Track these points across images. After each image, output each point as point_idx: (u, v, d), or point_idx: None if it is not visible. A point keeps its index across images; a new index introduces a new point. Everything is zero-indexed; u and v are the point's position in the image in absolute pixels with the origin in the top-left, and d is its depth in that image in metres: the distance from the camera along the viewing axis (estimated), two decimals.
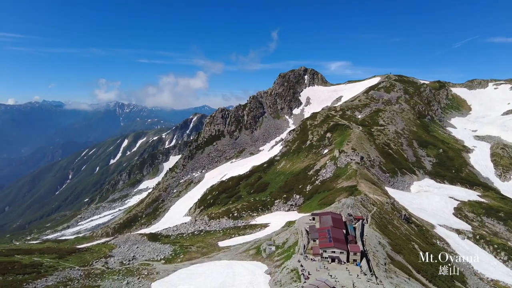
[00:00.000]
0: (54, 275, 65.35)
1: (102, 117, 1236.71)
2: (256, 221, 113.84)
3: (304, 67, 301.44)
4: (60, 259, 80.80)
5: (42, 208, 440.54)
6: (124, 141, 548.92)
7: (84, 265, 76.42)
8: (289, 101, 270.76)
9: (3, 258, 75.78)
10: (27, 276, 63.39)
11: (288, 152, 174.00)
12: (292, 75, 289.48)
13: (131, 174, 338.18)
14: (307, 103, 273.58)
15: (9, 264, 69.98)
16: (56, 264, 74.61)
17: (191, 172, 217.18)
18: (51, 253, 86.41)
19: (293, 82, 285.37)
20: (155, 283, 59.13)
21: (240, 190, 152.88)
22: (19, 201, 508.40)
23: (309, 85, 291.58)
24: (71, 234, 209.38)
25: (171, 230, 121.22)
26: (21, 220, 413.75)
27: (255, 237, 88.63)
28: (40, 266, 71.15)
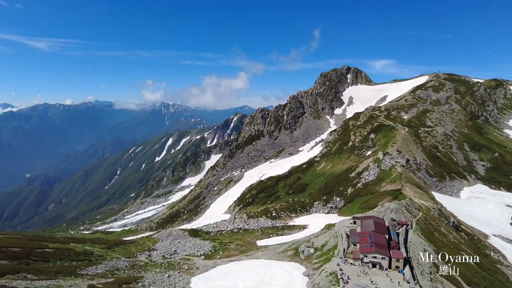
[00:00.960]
0: (103, 264, 69.86)
1: (148, 117, 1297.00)
2: (294, 222, 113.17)
3: (347, 65, 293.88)
4: (108, 249, 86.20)
5: (93, 201, 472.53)
6: (169, 139, 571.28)
7: (129, 256, 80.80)
8: (331, 100, 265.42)
9: (60, 245, 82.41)
10: (80, 263, 68.41)
11: (328, 153, 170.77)
12: (334, 74, 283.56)
13: (175, 171, 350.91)
14: (350, 102, 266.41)
15: (66, 251, 75.94)
16: (105, 254, 79.67)
17: (231, 170, 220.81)
18: (100, 244, 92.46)
19: (335, 81, 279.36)
20: (194, 278, 60.93)
21: (278, 190, 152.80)
22: (73, 193, 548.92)
23: (352, 84, 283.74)
24: (118, 227, 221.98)
25: (211, 227, 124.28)
26: (75, 212, 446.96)
27: (293, 238, 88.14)
28: (91, 255, 76.41)
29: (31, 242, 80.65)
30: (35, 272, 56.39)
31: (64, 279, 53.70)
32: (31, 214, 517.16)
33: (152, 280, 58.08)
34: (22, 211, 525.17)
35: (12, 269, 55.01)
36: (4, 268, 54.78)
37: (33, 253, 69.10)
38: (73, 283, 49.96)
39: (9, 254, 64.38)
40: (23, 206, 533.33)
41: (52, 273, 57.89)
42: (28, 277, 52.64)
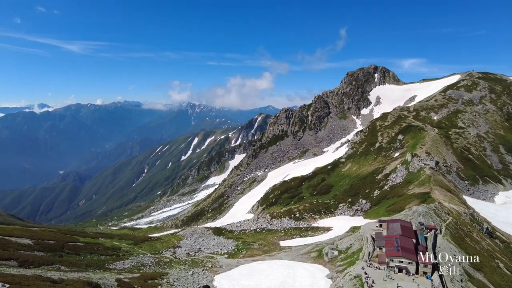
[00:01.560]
0: (130, 259, 72.13)
1: (175, 117, 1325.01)
2: (318, 224, 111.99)
3: (374, 65, 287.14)
4: (135, 245, 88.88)
5: (121, 198, 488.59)
6: (195, 139, 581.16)
7: (155, 253, 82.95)
8: (357, 100, 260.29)
9: (90, 240, 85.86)
10: (108, 258, 70.98)
11: (354, 154, 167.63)
12: (361, 73, 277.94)
13: (200, 170, 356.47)
14: (377, 102, 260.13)
15: (95, 246, 79.05)
16: (132, 250, 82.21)
17: (255, 170, 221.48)
18: (128, 239, 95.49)
19: (362, 80, 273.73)
20: (218, 276, 61.65)
21: (302, 191, 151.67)
22: (103, 190, 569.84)
23: (379, 84, 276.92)
24: (144, 224, 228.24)
25: (235, 226, 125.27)
26: (104, 208, 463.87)
27: (317, 240, 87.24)
28: (119, 250, 79.08)
29: (64, 236, 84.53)
30: (67, 264, 59.12)
31: (93, 272, 55.94)
32: (64, 209, 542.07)
33: (176, 277, 59.33)
34: (56, 205, 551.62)
35: (47, 260, 57.93)
36: (40, 259, 57.77)
37: (66, 246, 72.42)
38: (102, 277, 51.90)
39: (44, 246, 67.83)
40: (57, 201, 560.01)
41: (83, 266, 60.46)
42: (61, 268, 55.25)
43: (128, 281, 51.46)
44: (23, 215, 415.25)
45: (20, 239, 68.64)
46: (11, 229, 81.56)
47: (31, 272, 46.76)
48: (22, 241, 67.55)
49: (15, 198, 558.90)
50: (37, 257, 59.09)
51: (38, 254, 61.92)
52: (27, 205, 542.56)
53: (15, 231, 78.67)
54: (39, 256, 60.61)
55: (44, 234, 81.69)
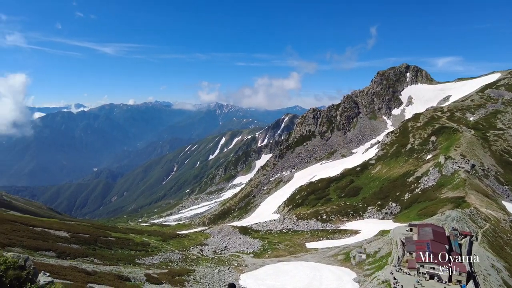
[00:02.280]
0: (159, 255, 74.11)
1: (203, 117, 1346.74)
2: (346, 226, 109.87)
3: (406, 64, 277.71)
4: (164, 242, 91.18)
5: (151, 195, 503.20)
6: (222, 139, 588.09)
7: (182, 249, 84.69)
8: (388, 100, 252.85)
9: (121, 235, 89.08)
10: (138, 253, 73.34)
11: (384, 156, 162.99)
12: (392, 72, 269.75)
13: (227, 170, 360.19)
14: (409, 103, 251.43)
15: (126, 241, 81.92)
16: (160, 246, 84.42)
17: (281, 171, 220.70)
18: (157, 236, 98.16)
19: (393, 80, 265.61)
20: (243, 275, 62.02)
21: (330, 192, 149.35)
22: (134, 187, 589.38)
23: (411, 84, 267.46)
24: (173, 221, 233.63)
25: (261, 226, 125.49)
26: (135, 204, 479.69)
27: (344, 243, 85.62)
28: (148, 246, 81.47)
29: (97, 230, 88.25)
30: (100, 257, 61.69)
31: (124, 266, 58.00)
32: (98, 205, 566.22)
33: (203, 274, 60.29)
34: (90, 201, 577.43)
35: (82, 253, 60.76)
36: (76, 251, 60.69)
37: (99, 240, 75.58)
38: (132, 271, 53.70)
39: (79, 239, 71.18)
40: (91, 197, 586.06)
41: (114, 260, 62.86)
42: (94, 261, 57.76)
43: (157, 277, 52.92)
44: (61, 209, 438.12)
45: (58, 232, 72.42)
46: (50, 222, 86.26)
47: (67, 263, 49.22)
48: (60, 234, 71.22)
49: (54, 193, 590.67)
50: (73, 249, 62.11)
51: (74, 246, 65.05)
52: (64, 200, 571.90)
53: (54, 224, 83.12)
54: (75, 248, 63.67)
55: (79, 228, 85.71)
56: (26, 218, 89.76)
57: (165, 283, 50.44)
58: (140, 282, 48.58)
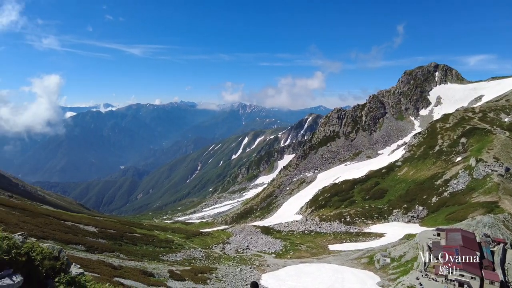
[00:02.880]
0: (182, 252, 75.46)
1: (227, 117, 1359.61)
2: (370, 229, 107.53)
3: (434, 63, 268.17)
4: (187, 239, 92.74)
5: (175, 193, 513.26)
6: (245, 139, 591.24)
7: (205, 247, 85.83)
8: (415, 100, 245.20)
9: (146, 232, 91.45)
10: (162, 249, 74.99)
11: (411, 158, 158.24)
12: (419, 72, 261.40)
13: (249, 169, 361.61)
14: (437, 103, 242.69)
15: (150, 237, 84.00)
16: (184, 243, 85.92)
17: (304, 171, 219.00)
18: (180, 233, 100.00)
19: (421, 79, 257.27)
20: (265, 275, 62.07)
21: (354, 194, 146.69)
22: (159, 185, 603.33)
23: (440, 83, 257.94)
24: (196, 219, 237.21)
25: (283, 226, 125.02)
26: (160, 202, 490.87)
27: (368, 246, 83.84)
28: (172, 243, 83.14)
29: (123, 226, 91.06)
30: (126, 253, 63.59)
31: (148, 262, 59.51)
32: (124, 202, 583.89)
33: (225, 273, 60.85)
34: (117, 198, 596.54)
35: (109, 248, 62.88)
36: (103, 246, 62.88)
37: (125, 236, 77.92)
38: (156, 267, 55.01)
39: (107, 234, 73.68)
40: (118, 193, 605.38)
41: (139, 256, 64.60)
42: (120, 256, 59.62)
43: (180, 273, 53.93)
44: (89, 205, 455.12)
45: (87, 227, 75.31)
46: (80, 217, 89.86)
47: (95, 257, 51.10)
48: (89, 229, 74.03)
49: (83, 189, 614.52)
50: (101, 244, 64.38)
51: (101, 241, 67.42)
52: (93, 196, 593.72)
53: (83, 219, 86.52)
54: (102, 243, 65.97)
55: (106, 223, 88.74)
56: (58, 212, 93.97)
57: (188, 280, 51.30)
58: (164, 278, 49.67)
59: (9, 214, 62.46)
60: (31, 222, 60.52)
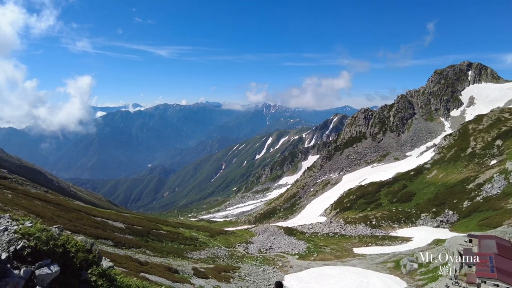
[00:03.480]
0: (206, 250, 76.48)
1: (251, 117, 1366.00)
2: (397, 233, 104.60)
3: (467, 61, 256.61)
4: (211, 237, 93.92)
5: (200, 192, 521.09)
6: (269, 139, 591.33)
7: (228, 246, 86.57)
8: (446, 101, 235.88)
9: (171, 229, 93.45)
10: (186, 247, 76.35)
11: (441, 160, 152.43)
12: (451, 71, 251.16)
13: (273, 170, 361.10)
14: (470, 103, 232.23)
15: (176, 234, 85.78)
16: (208, 241, 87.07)
17: (329, 173, 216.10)
18: (204, 231, 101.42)
19: (452, 79, 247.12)
20: (288, 276, 61.83)
21: (380, 197, 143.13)
22: (185, 184, 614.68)
23: (473, 82, 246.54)
24: (220, 217, 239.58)
25: (306, 228, 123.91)
26: (185, 200, 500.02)
27: (395, 250, 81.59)
28: (196, 241, 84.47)
29: (149, 223, 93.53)
30: (151, 249, 65.28)
31: (173, 259, 60.78)
32: (151, 199, 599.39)
33: (248, 272, 61.13)
34: (144, 195, 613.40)
35: (136, 244, 64.79)
36: (131, 242, 64.89)
37: (151, 232, 79.99)
38: (180, 264, 56.10)
39: (134, 230, 75.95)
40: (145, 191, 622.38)
41: (164, 252, 66.11)
42: (146, 252, 61.29)
43: (203, 271, 54.72)
44: (118, 201, 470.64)
45: (115, 223, 77.97)
46: (109, 213, 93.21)
47: (123, 252, 52.82)
48: (117, 224, 76.61)
49: (112, 186, 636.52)
50: (128, 239, 66.45)
51: (128, 237, 69.57)
52: (121, 193, 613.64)
53: (112, 215, 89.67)
54: (129, 239, 68.06)
55: (134, 220, 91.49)
56: (88, 208, 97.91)
57: (211, 278, 51.96)
58: (188, 275, 50.57)
59: (45, 208, 65.75)
60: (64, 216, 63.44)
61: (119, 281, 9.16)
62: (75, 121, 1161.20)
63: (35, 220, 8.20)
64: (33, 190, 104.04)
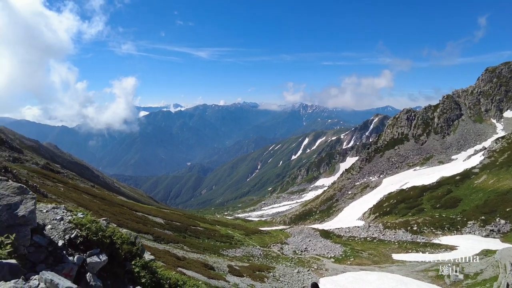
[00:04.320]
0: (241, 249, 77.45)
1: (287, 117, 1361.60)
2: (440, 241, 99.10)
3: None
4: (246, 236, 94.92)
5: (236, 190, 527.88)
6: (305, 139, 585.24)
7: (263, 245, 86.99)
8: (499, 101, 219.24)
9: (208, 226, 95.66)
10: (222, 244, 77.81)
11: (492, 165, 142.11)
12: (505, 68, 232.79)
13: (309, 171, 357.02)
14: None
15: (212, 232, 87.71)
16: (243, 240, 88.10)
17: (368, 175, 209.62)
18: (240, 230, 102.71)
19: (507, 77, 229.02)
20: (323, 279, 60.91)
21: (423, 202, 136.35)
22: (221, 182, 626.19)
23: None
24: (255, 217, 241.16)
25: (343, 231, 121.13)
26: (222, 198, 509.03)
27: (437, 258, 77.33)
28: (232, 239, 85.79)
29: (188, 220, 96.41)
30: (189, 245, 67.29)
31: (209, 255, 62.23)
32: (189, 196, 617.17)
33: (282, 273, 61.08)
34: (183, 192, 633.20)
35: (174, 239, 67.14)
36: (169, 237, 67.36)
37: (189, 229, 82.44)
38: (216, 261, 57.31)
39: (173, 226, 78.73)
40: (184, 188, 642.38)
41: (201, 249, 67.85)
42: (184, 248, 63.29)
43: (238, 269, 55.50)
44: (158, 198, 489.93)
45: (155, 218, 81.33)
46: (149, 209, 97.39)
47: (162, 247, 54.99)
48: (157, 220, 79.86)
49: (153, 183, 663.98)
50: (167, 235, 69.04)
51: (167, 232, 72.25)
52: (161, 189, 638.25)
53: (152, 210, 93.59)
54: (168, 234, 70.66)
55: (173, 216, 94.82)
56: (131, 203, 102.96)
57: (246, 277, 52.55)
58: (223, 273, 51.54)
59: (92, 202, 70.16)
60: (108, 210, 67.27)
61: (160, 273, 9.68)
62: (120, 120, 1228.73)
63: (86, 212, 8.92)
64: (81, 184, 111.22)
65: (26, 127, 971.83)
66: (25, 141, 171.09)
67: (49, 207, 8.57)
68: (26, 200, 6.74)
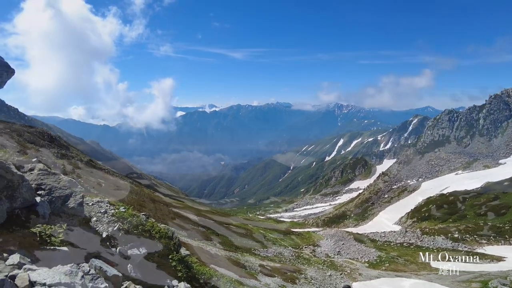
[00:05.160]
0: (273, 249, 77.64)
1: (322, 117, 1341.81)
2: (484, 250, 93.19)
3: None
4: (278, 236, 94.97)
5: (268, 191, 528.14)
6: (340, 140, 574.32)
7: (295, 247, 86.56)
8: None
9: (241, 224, 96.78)
10: (255, 244, 78.42)
11: None
12: None
13: (343, 173, 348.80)
14: None
15: (245, 230, 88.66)
16: (275, 240, 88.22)
17: (406, 179, 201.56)
18: (272, 230, 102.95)
19: None
20: (356, 284, 59.59)
21: (465, 208, 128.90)
22: (254, 182, 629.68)
23: None
24: (287, 217, 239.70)
25: (378, 236, 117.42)
26: (254, 198, 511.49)
27: (481, 269, 72.81)
28: (264, 238, 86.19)
29: (221, 218, 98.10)
30: (221, 243, 68.52)
31: (241, 254, 62.99)
32: (222, 194, 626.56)
33: (314, 275, 60.50)
34: (216, 191, 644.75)
35: (207, 236, 68.68)
36: (202, 234, 69.02)
37: (222, 227, 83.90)
38: (248, 260, 57.92)
39: (206, 223, 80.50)
40: (217, 187, 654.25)
41: (233, 247, 68.84)
42: (216, 245, 64.56)
43: (270, 269, 55.74)
44: (193, 195, 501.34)
45: (189, 215, 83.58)
46: (184, 206, 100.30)
47: (195, 244, 56.46)
48: (191, 217, 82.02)
49: (188, 181, 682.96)
50: (200, 231, 70.74)
51: (201, 229, 74.01)
52: (196, 187, 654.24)
53: (187, 208, 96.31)
54: (201, 231, 72.36)
55: (207, 213, 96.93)
56: (167, 199, 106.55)
57: (277, 277, 52.63)
58: (255, 272, 51.98)
59: (131, 198, 73.52)
60: (146, 206, 70.15)
61: (195, 268, 10.10)
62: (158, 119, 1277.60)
63: (127, 207, 9.52)
64: (121, 181, 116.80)
65: (72, 125, 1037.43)
66: (71, 138, 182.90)
67: (94, 201, 9.25)
68: (75, 193, 7.37)
